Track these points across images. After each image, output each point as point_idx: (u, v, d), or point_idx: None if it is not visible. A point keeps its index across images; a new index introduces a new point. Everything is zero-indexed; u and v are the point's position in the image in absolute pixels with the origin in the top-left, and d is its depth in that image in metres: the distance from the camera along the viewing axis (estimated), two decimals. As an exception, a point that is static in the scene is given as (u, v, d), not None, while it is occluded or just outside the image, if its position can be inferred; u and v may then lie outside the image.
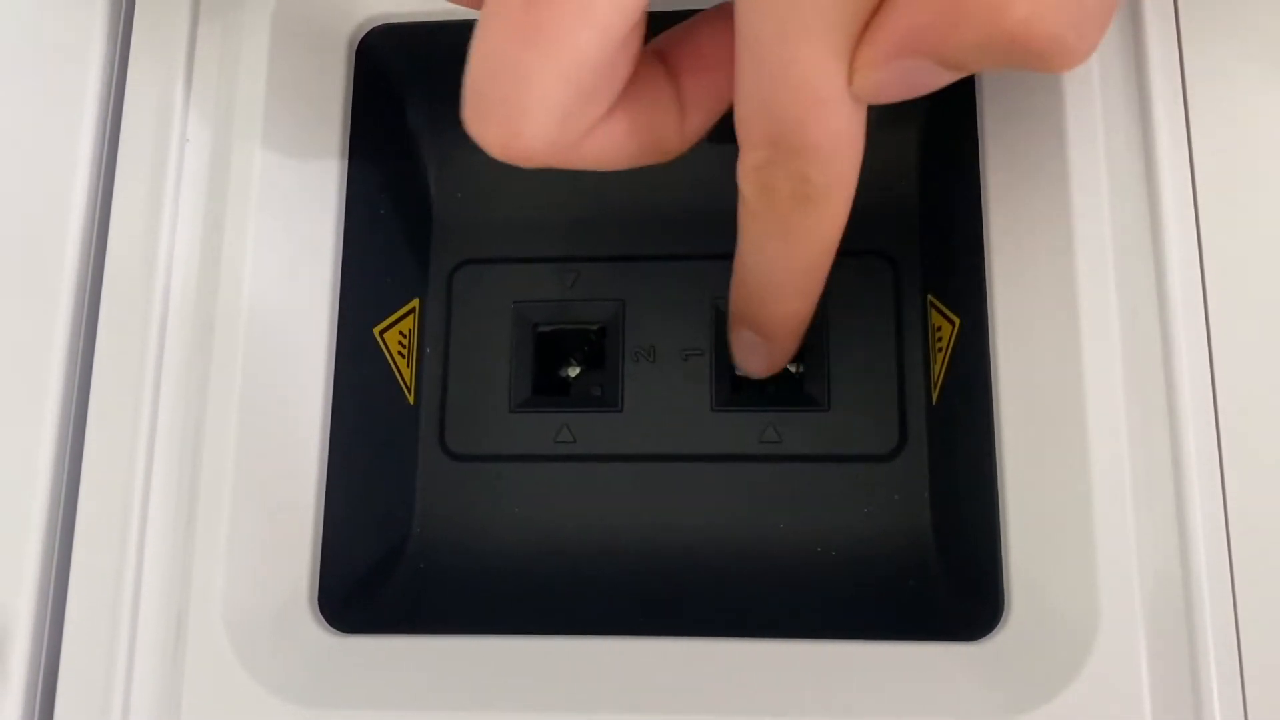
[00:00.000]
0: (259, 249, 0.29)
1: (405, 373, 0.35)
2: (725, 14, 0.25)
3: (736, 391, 0.35)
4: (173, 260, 0.28)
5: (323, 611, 0.28)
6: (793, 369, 0.36)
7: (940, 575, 0.31)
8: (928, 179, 0.35)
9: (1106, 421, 0.26)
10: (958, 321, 0.31)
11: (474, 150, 0.37)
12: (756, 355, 0.31)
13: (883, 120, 0.35)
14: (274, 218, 0.29)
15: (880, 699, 0.25)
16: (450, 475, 0.35)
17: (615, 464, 0.34)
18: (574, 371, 0.37)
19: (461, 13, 0.31)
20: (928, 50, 0.20)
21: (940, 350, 0.32)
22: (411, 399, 0.35)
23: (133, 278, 0.28)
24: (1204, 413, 0.25)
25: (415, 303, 0.36)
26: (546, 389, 0.36)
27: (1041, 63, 0.20)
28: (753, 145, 0.23)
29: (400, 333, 0.35)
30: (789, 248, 0.26)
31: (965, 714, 0.24)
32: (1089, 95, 0.27)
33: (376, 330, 0.33)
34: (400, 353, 0.35)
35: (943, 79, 0.22)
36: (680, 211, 0.36)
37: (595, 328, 0.36)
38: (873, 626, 0.27)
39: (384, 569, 0.33)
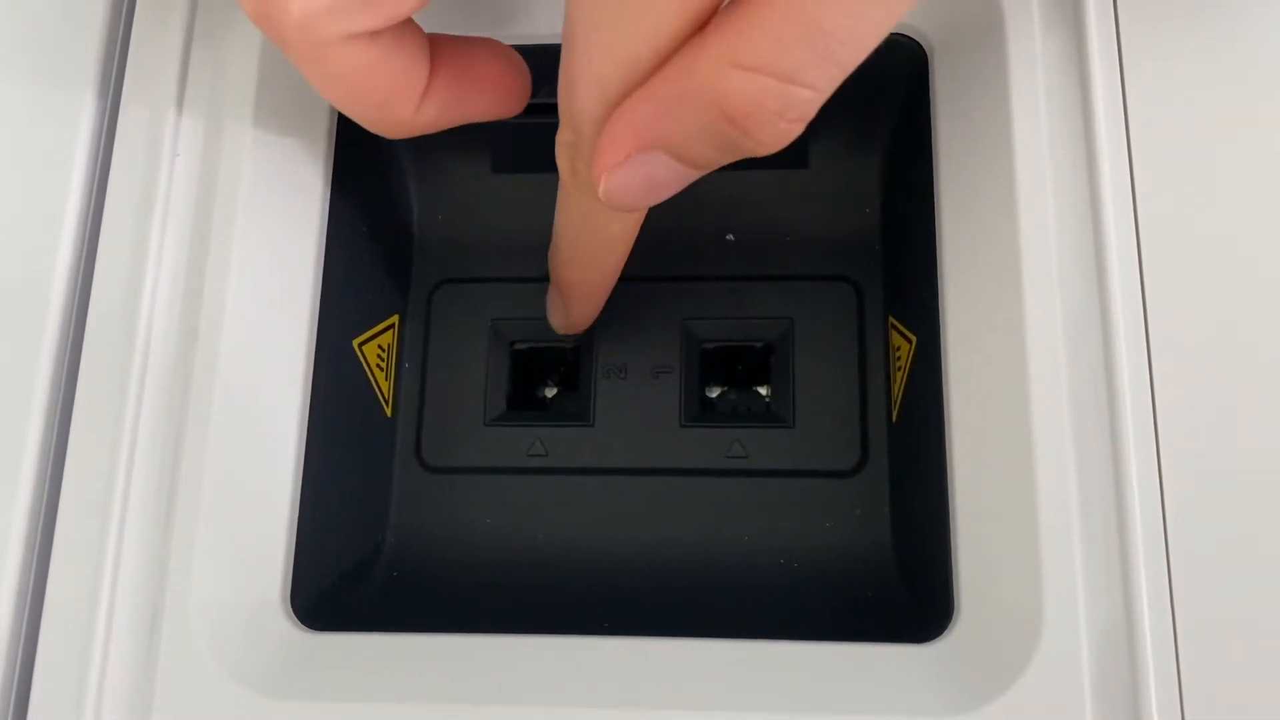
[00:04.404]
0: (243, 261, 0.30)
1: (383, 386, 0.36)
2: (504, 49, 0.27)
3: (705, 409, 0.36)
4: (160, 268, 0.30)
5: (295, 611, 0.29)
6: (762, 392, 0.37)
7: (897, 585, 0.32)
8: (889, 208, 0.36)
9: (1051, 434, 0.27)
10: (914, 339, 0.32)
11: (455, 172, 0.38)
12: (557, 312, 0.34)
13: (847, 152, 0.37)
14: (258, 231, 0.31)
15: (836, 695, 0.26)
16: (425, 486, 0.36)
17: (586, 477, 0.35)
18: (550, 392, 0.38)
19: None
20: (659, 141, 0.22)
21: (899, 369, 0.34)
22: (389, 411, 0.36)
23: (119, 282, 0.29)
24: (1144, 426, 0.26)
25: (395, 318, 0.37)
26: (520, 404, 0.37)
27: (754, 145, 0.21)
28: (564, 124, 0.24)
29: (379, 346, 0.36)
30: (586, 223, 0.28)
31: (917, 710, 0.25)
32: (1036, 127, 0.29)
33: (355, 342, 0.34)
34: (379, 366, 0.36)
35: (687, 176, 0.23)
36: (652, 235, 0.37)
37: (570, 346, 0.37)
38: (831, 631, 0.28)
39: (357, 575, 0.33)
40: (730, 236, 0.37)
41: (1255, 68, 0.29)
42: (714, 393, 0.37)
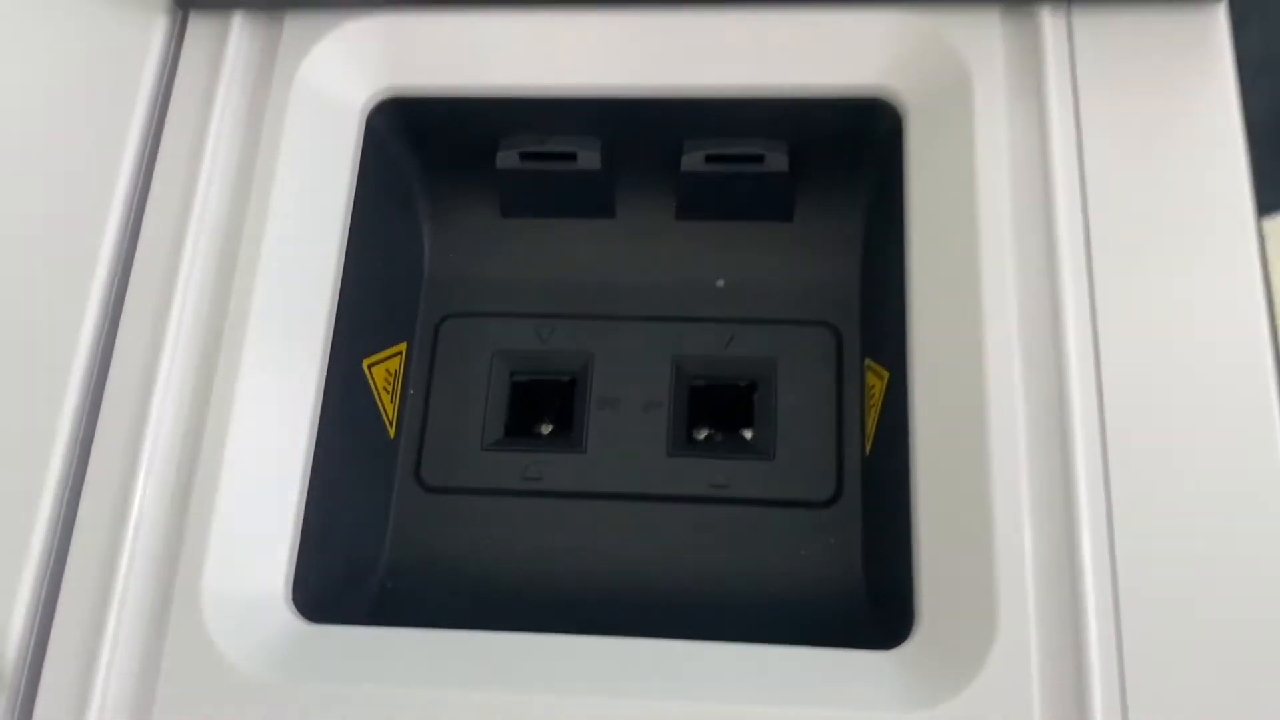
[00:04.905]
0: (266, 278, 0.33)
1: (389, 408, 0.38)
2: None
3: (691, 441, 0.38)
4: (192, 272, 0.32)
5: (296, 605, 0.31)
6: (746, 435, 0.39)
7: (865, 603, 0.34)
8: (869, 258, 0.39)
9: (1007, 461, 0.29)
10: (887, 375, 0.35)
11: (467, 216, 0.41)
12: None
13: (830, 207, 0.40)
14: (280, 255, 0.33)
15: (807, 693, 0.27)
16: (423, 505, 0.38)
17: (577, 500, 0.37)
18: (547, 429, 0.40)
19: (464, 89, 0.36)
20: None
21: (873, 405, 0.36)
22: (393, 432, 0.38)
23: (154, 282, 0.32)
24: (1094, 455, 0.28)
25: (403, 346, 0.39)
26: (517, 431, 0.39)
27: None
28: None
29: (387, 370, 0.38)
30: None
31: (878, 705, 0.27)
32: (998, 183, 0.32)
33: (365, 363, 0.37)
34: (385, 388, 0.38)
35: None
36: (648, 279, 0.40)
37: (566, 379, 0.39)
38: (806, 640, 0.30)
39: (354, 581, 0.35)
40: (720, 283, 0.40)
41: (1197, 134, 0.32)
42: (701, 434, 0.39)
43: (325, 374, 0.33)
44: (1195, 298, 0.30)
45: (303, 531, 0.32)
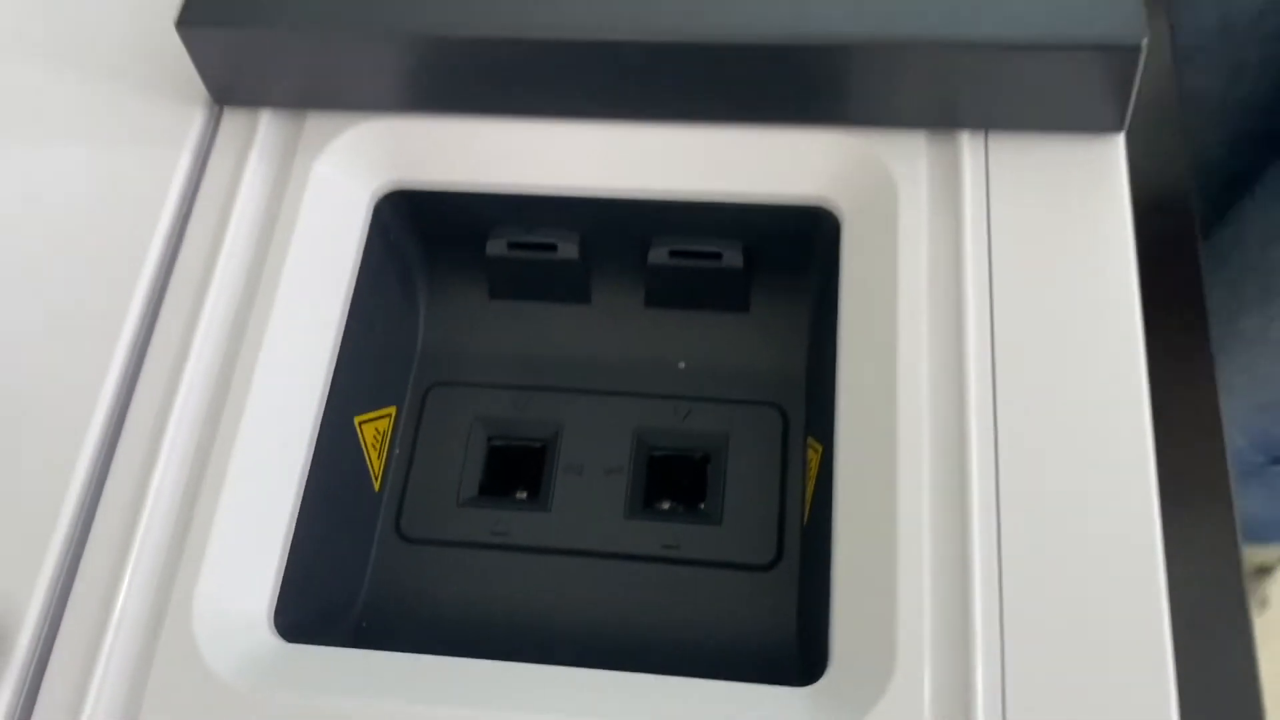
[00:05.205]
0: (272, 339, 0.37)
1: (375, 463, 0.42)
2: None
3: (647, 505, 0.42)
4: (209, 332, 0.37)
5: (277, 629, 0.34)
6: (698, 503, 0.43)
7: (795, 653, 0.37)
8: (814, 347, 0.43)
9: (912, 527, 0.32)
10: (821, 450, 0.38)
11: (459, 295, 0.46)
12: None
13: (782, 301, 0.44)
14: (288, 317, 0.38)
15: (722, 718, 0.31)
16: (401, 553, 0.41)
17: (540, 555, 0.41)
18: (518, 491, 0.44)
19: (460, 185, 0.41)
20: None
21: (810, 478, 0.40)
22: (377, 487, 0.42)
23: (178, 337, 0.36)
24: (989, 524, 0.32)
25: (393, 409, 0.43)
26: (490, 491, 0.43)
27: None
28: None
29: (376, 429, 0.42)
30: None
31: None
32: (917, 282, 0.36)
33: (357, 420, 0.41)
34: (374, 445, 0.42)
35: None
36: (617, 359, 0.44)
37: (537, 445, 0.43)
38: (736, 680, 0.33)
39: (332, 618, 0.39)
40: (682, 365, 0.44)
41: (1094, 247, 0.36)
42: (657, 499, 0.43)
43: (320, 425, 0.38)
44: (1086, 388, 0.34)
45: (289, 565, 0.36)
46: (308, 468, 0.37)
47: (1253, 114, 0.64)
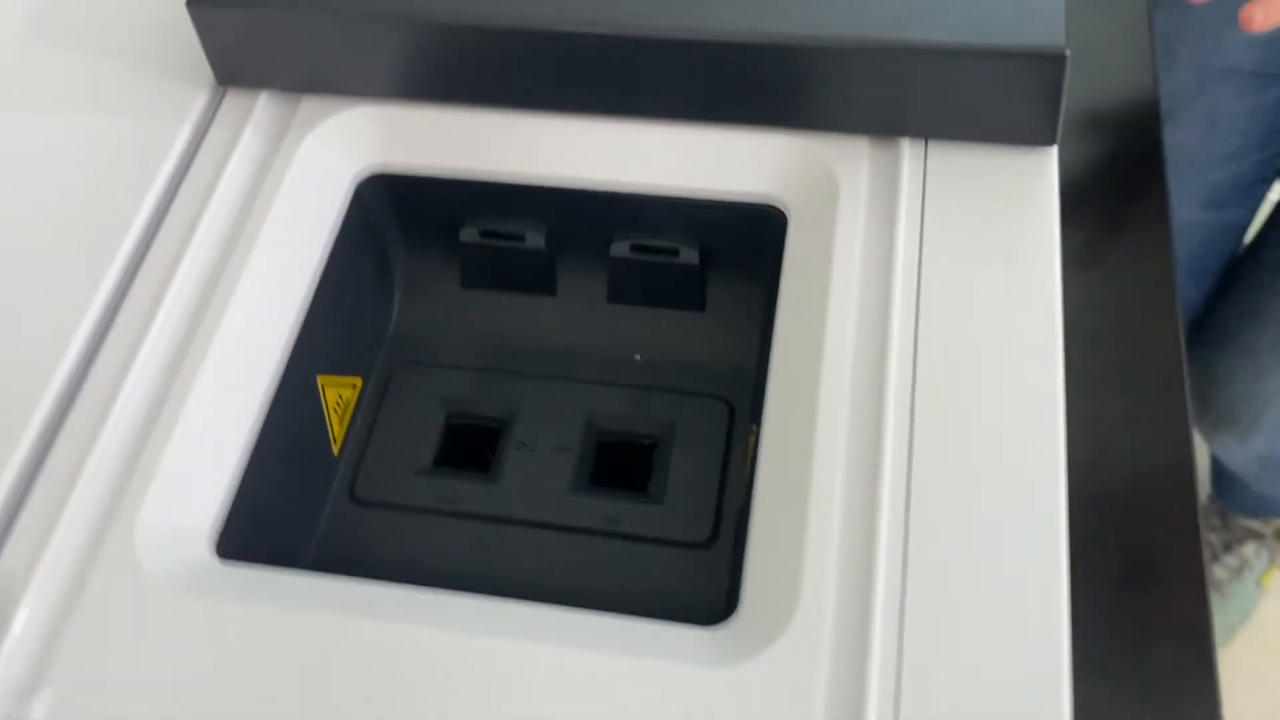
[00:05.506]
0: (245, 287, 0.40)
1: (336, 427, 0.44)
2: None
3: (593, 483, 0.44)
4: (188, 276, 0.39)
5: (218, 552, 0.36)
6: (643, 484, 0.44)
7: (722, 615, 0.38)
8: (762, 346, 0.45)
9: (826, 487, 0.34)
10: (756, 429, 0.40)
11: (433, 282, 0.48)
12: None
13: (735, 300, 0.46)
14: (262, 270, 0.40)
15: (631, 648, 0.32)
16: (352, 515, 0.43)
17: (485, 523, 0.42)
18: (471, 465, 0.45)
19: (437, 170, 0.44)
20: None
21: (749, 460, 0.41)
22: (336, 450, 0.44)
23: (159, 276, 0.39)
24: (899, 490, 0.34)
25: (358, 380, 0.45)
26: (444, 463, 0.44)
27: None
28: None
29: (340, 395, 0.44)
30: None
31: (701, 661, 0.31)
32: (848, 278, 0.38)
33: (320, 379, 0.43)
34: (335, 409, 0.44)
35: None
36: (577, 349, 0.47)
37: (494, 425, 0.45)
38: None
39: (277, 560, 0.40)
40: (638, 357, 0.46)
41: (1021, 248, 0.38)
42: (604, 480, 0.44)
43: (282, 374, 0.40)
44: (1001, 374, 0.36)
45: (239, 503, 0.37)
46: (267, 409, 0.39)
47: (1222, 162, 0.67)
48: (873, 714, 0.30)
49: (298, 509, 0.42)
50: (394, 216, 0.47)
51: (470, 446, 0.46)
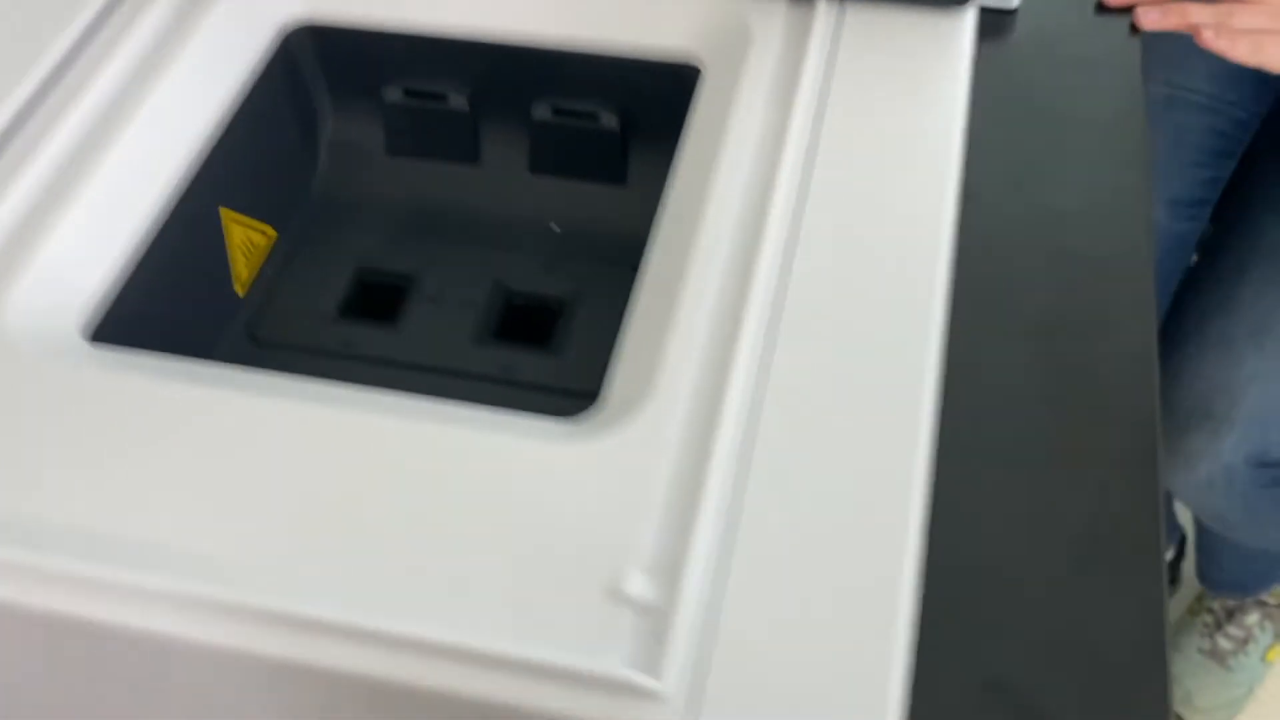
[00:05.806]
0: (152, 108, 0.40)
1: (242, 269, 0.44)
2: None
3: (496, 336, 0.43)
4: (102, 94, 0.39)
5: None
6: (545, 342, 0.43)
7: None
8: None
9: (692, 311, 0.33)
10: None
11: (359, 148, 0.48)
12: None
13: (655, 179, 0.46)
14: (171, 93, 0.40)
15: (492, 425, 0.31)
16: (249, 355, 0.42)
17: (383, 368, 0.42)
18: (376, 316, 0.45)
19: (362, 22, 0.44)
20: None
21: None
22: (241, 291, 0.44)
23: (68, 95, 0.39)
24: (765, 314, 0.33)
25: (271, 230, 0.45)
26: (349, 313, 0.44)
27: None
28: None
29: (249, 237, 0.44)
30: None
31: (554, 439, 0.30)
32: (747, 124, 0.38)
33: (223, 210, 0.43)
34: (242, 248, 0.44)
35: None
36: (498, 215, 0.46)
37: (402, 282, 0.45)
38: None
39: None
40: (555, 226, 0.46)
41: (929, 108, 0.38)
42: (511, 340, 0.44)
43: (183, 194, 0.40)
44: (892, 202, 0.35)
45: (119, 304, 0.37)
46: (161, 223, 0.39)
47: (1186, 171, 0.69)
48: (712, 499, 0.29)
49: (189, 334, 0.41)
50: (321, 74, 0.47)
51: (378, 299, 0.45)
